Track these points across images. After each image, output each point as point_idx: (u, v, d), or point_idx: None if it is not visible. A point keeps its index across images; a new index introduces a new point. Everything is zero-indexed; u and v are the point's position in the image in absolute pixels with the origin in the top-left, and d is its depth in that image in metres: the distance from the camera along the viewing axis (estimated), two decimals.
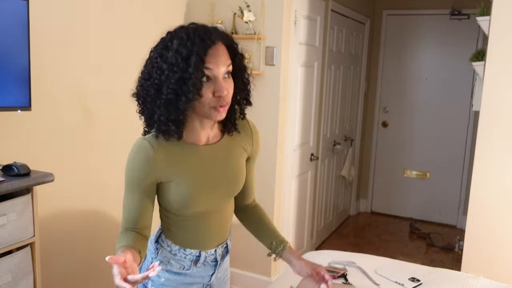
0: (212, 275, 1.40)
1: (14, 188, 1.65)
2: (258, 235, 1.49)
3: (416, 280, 1.91)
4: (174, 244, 1.31)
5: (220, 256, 1.39)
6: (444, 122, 4.69)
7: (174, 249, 1.31)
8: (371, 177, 5.13)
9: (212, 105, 1.14)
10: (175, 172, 1.20)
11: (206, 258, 1.35)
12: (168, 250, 1.32)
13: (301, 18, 3.09)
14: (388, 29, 4.87)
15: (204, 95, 1.12)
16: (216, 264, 1.38)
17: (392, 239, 4.37)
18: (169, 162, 1.19)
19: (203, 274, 1.37)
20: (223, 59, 1.14)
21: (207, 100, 1.13)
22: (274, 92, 2.89)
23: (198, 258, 1.33)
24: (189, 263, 1.33)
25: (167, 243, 1.32)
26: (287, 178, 3.15)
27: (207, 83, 1.12)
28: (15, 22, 1.80)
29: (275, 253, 1.44)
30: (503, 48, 2.28)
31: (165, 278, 1.33)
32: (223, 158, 1.29)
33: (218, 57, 1.13)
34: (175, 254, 1.32)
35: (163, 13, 2.86)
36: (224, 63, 1.14)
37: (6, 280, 1.69)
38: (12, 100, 1.84)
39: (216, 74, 1.13)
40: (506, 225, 2.35)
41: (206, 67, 1.11)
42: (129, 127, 2.60)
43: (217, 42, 1.13)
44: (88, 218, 2.50)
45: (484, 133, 2.36)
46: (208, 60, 1.11)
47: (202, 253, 1.33)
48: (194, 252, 1.32)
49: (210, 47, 1.11)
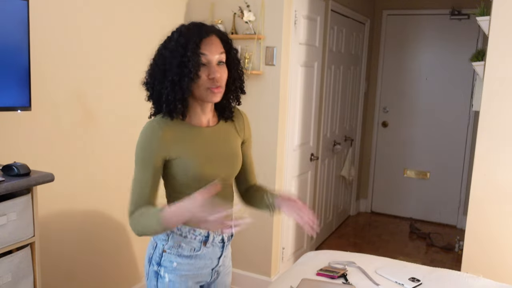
0: (219, 258, 1.50)
1: (14, 188, 1.65)
2: (258, 205, 1.54)
3: (416, 280, 1.91)
4: (184, 226, 1.40)
5: (227, 239, 1.50)
6: (444, 122, 4.69)
7: (184, 231, 1.41)
8: (371, 177, 5.13)
9: (207, 86, 1.32)
10: (182, 149, 1.36)
11: (214, 239, 1.46)
12: (179, 234, 1.42)
13: (301, 18, 3.09)
14: (388, 29, 4.87)
15: (201, 77, 1.31)
16: (223, 245, 1.49)
17: (392, 239, 4.37)
18: (176, 140, 1.35)
19: (211, 256, 1.48)
20: (217, 47, 1.33)
21: (203, 81, 1.32)
22: (274, 92, 2.89)
23: (207, 238, 1.44)
24: (199, 244, 1.43)
25: (177, 227, 1.40)
26: (287, 178, 3.15)
27: (202, 67, 1.31)
28: (15, 22, 1.80)
29: (270, 207, 1.48)
30: (503, 48, 2.28)
31: (177, 263, 1.43)
32: (222, 139, 1.46)
33: (212, 45, 1.32)
34: (185, 236, 1.42)
35: (163, 13, 2.86)
36: (217, 51, 1.33)
37: (6, 280, 1.69)
38: (12, 100, 1.84)
39: (210, 59, 1.32)
40: (506, 225, 2.35)
41: (201, 53, 1.30)
42: (129, 127, 2.61)
43: (211, 35, 1.33)
44: (88, 218, 2.50)
45: (484, 133, 2.36)
46: (203, 47, 1.30)
47: (211, 233, 1.44)
48: (203, 233, 1.43)
49: (205, 37, 1.31)
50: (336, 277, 1.90)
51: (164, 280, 1.44)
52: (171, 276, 1.43)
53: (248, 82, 2.91)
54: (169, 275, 1.43)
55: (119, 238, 2.73)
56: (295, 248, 3.45)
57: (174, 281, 1.43)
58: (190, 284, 1.47)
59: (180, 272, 1.44)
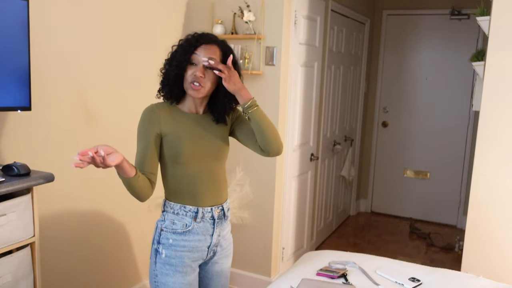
0: (212, 235, 1.66)
1: (14, 188, 1.65)
2: (257, 133, 1.62)
3: (416, 280, 1.91)
4: (175, 203, 1.63)
5: (217, 216, 1.67)
6: (444, 122, 4.69)
7: (176, 208, 1.63)
8: (371, 177, 5.13)
9: (190, 81, 1.56)
10: (171, 127, 1.59)
11: (204, 215, 1.64)
12: (172, 212, 1.63)
13: (301, 18, 3.09)
14: (388, 29, 4.87)
15: (188, 72, 1.56)
16: (214, 222, 1.66)
17: (392, 239, 4.37)
18: (169, 119, 1.60)
19: (204, 232, 1.64)
20: (211, 54, 1.56)
21: (188, 76, 1.56)
22: (274, 92, 2.90)
23: (196, 214, 1.62)
24: (190, 220, 1.62)
25: (170, 205, 1.64)
26: (287, 178, 3.15)
27: (191, 65, 1.57)
28: (15, 22, 1.80)
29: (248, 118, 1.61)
30: (503, 48, 2.28)
31: (172, 239, 1.62)
32: (210, 124, 1.67)
33: (207, 50, 1.57)
34: (177, 213, 1.63)
35: (163, 13, 2.86)
36: (209, 56, 1.55)
37: (6, 280, 1.69)
38: (12, 100, 1.84)
39: (199, 60, 1.56)
40: (506, 225, 2.35)
41: (194, 53, 1.56)
42: (129, 127, 2.60)
43: (212, 44, 1.59)
44: (88, 218, 2.50)
45: (484, 133, 2.36)
46: (199, 49, 1.57)
47: (200, 209, 1.62)
48: (192, 209, 1.62)
49: (205, 43, 1.58)
50: (336, 277, 1.90)
51: (161, 256, 1.62)
52: (168, 252, 1.61)
53: (248, 82, 2.91)
54: (166, 251, 1.61)
55: (119, 238, 2.73)
56: (295, 248, 3.45)
57: (170, 256, 1.61)
58: (186, 261, 1.63)
59: (175, 247, 1.61)
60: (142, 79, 2.73)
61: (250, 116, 1.57)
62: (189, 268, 1.63)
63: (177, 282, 1.61)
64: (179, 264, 1.61)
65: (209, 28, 2.98)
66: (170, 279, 1.61)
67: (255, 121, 1.58)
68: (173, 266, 1.61)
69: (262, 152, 1.66)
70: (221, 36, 2.89)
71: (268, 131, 1.59)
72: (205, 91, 1.57)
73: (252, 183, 2.97)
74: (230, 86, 1.54)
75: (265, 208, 3.02)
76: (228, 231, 1.77)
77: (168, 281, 1.61)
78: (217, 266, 1.75)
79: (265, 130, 1.59)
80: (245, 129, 1.69)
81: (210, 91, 1.60)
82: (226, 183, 1.74)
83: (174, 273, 1.61)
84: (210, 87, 1.59)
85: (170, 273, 1.61)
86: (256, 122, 1.58)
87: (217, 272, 1.76)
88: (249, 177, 2.95)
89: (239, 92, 1.55)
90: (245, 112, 1.58)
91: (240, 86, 1.56)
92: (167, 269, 1.61)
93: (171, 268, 1.61)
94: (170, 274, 1.61)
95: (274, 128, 1.62)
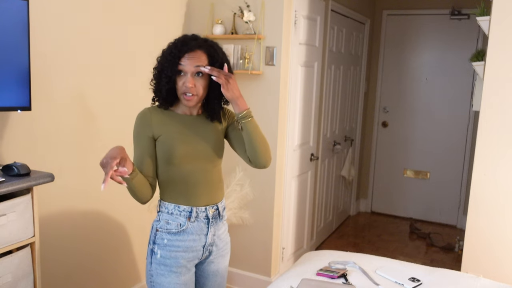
0: (207, 235, 1.67)
1: (14, 188, 1.65)
2: (247, 142, 1.63)
3: (416, 280, 1.91)
4: (169, 203, 1.64)
5: (212, 216, 1.67)
6: (444, 122, 4.69)
7: (170, 208, 1.64)
8: (371, 177, 5.13)
9: (182, 92, 1.57)
10: (164, 129, 1.61)
11: (198, 215, 1.64)
12: (166, 212, 1.64)
13: (301, 18, 3.09)
14: (388, 29, 4.87)
15: (178, 83, 1.57)
16: (208, 221, 1.66)
17: (392, 239, 4.37)
18: (161, 122, 1.61)
19: (198, 232, 1.65)
20: (196, 61, 1.54)
21: (179, 87, 1.57)
22: (274, 92, 2.90)
23: (190, 213, 1.63)
24: (184, 220, 1.63)
25: (165, 206, 1.65)
26: (287, 178, 3.15)
27: (180, 76, 1.56)
28: (15, 22, 1.80)
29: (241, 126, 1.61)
30: (503, 48, 2.28)
31: (167, 240, 1.63)
32: (204, 125, 1.67)
33: (192, 59, 1.54)
34: (172, 213, 1.63)
35: (163, 13, 2.86)
36: (194, 64, 1.54)
37: (6, 280, 1.69)
38: (12, 100, 1.84)
39: (186, 71, 1.55)
40: (506, 225, 2.35)
41: (179, 63, 1.55)
42: (129, 127, 2.60)
43: (195, 49, 1.55)
44: (88, 218, 2.50)
45: (484, 133, 2.36)
46: (182, 60, 1.55)
47: (194, 208, 1.63)
48: (186, 208, 1.63)
49: (187, 52, 1.55)
50: (336, 277, 1.90)
51: (156, 256, 1.64)
52: (163, 252, 1.63)
53: (248, 82, 2.92)
54: (161, 251, 1.63)
55: (119, 238, 2.73)
56: (295, 248, 3.45)
57: (164, 256, 1.63)
58: (181, 262, 1.64)
59: (170, 248, 1.63)
60: (142, 79, 2.72)
61: (243, 126, 1.58)
62: (184, 268, 1.64)
63: (172, 283, 1.62)
64: (174, 264, 1.63)
65: (209, 28, 2.98)
66: (165, 279, 1.62)
67: (247, 132, 1.58)
68: (168, 266, 1.62)
69: (250, 163, 1.67)
70: (221, 36, 2.89)
71: (259, 143, 1.60)
72: (198, 98, 1.59)
73: (252, 183, 2.97)
74: (228, 93, 1.54)
75: (265, 208, 3.02)
76: (224, 231, 1.77)
77: (163, 281, 1.63)
78: (213, 266, 1.76)
79: (256, 142, 1.59)
80: (237, 136, 1.70)
81: (204, 96, 1.61)
82: (221, 183, 1.74)
83: (169, 273, 1.62)
84: (203, 93, 1.59)
85: (165, 273, 1.62)
86: (248, 133, 1.59)
87: (213, 271, 1.77)
88: (249, 177, 2.95)
89: (236, 100, 1.55)
90: (239, 122, 1.58)
91: (238, 94, 1.55)
92: (162, 269, 1.63)
93: (166, 269, 1.62)
94: (165, 274, 1.62)
95: (265, 141, 1.63)
